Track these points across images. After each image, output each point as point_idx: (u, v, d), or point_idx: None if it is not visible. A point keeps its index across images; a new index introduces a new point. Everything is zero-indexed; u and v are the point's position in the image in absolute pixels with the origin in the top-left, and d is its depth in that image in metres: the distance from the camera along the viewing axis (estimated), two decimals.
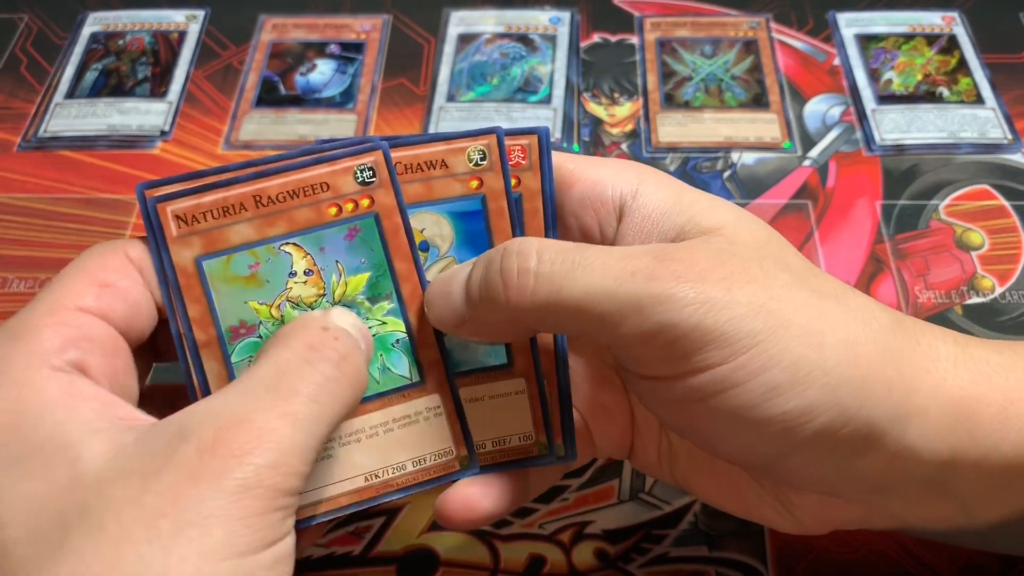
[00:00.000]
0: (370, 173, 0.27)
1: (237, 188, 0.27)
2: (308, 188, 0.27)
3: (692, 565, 0.36)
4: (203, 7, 0.59)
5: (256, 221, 0.27)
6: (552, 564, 0.37)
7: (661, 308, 0.24)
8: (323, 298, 0.28)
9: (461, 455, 0.29)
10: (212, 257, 0.27)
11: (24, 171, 0.51)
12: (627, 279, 0.24)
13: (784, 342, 0.24)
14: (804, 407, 0.24)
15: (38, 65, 0.56)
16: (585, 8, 0.59)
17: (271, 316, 0.27)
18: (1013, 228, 0.47)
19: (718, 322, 0.24)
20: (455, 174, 0.28)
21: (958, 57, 0.55)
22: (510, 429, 0.29)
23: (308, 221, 0.27)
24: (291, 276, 0.27)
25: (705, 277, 0.24)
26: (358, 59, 0.56)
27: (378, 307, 0.28)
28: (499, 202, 0.28)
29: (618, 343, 0.25)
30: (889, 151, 0.50)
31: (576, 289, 0.24)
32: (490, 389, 0.29)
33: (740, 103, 0.53)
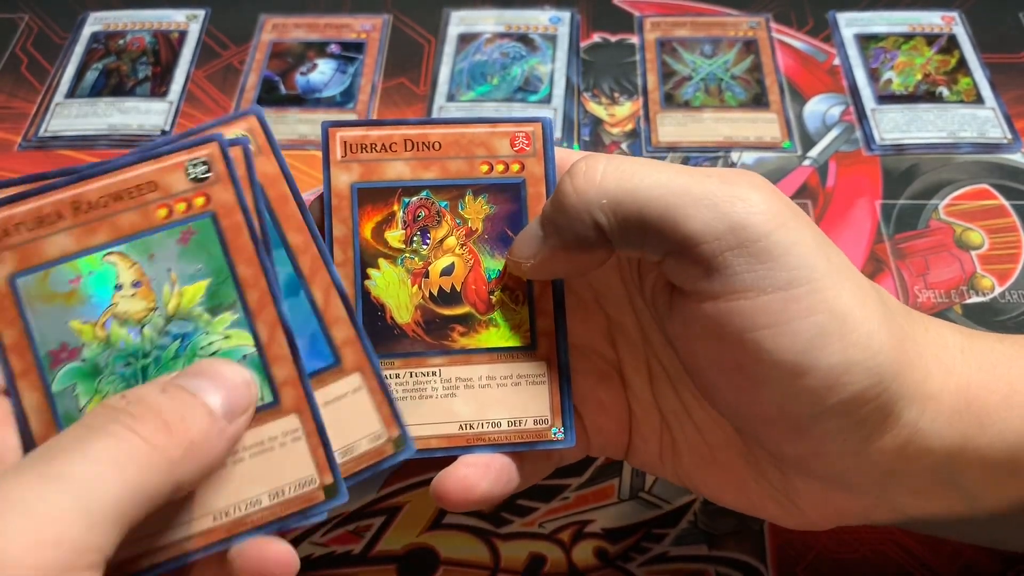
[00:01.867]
0: (204, 168, 0.25)
1: (53, 195, 0.24)
2: (133, 189, 0.24)
3: (692, 564, 0.36)
4: (203, 7, 0.59)
5: (75, 230, 0.24)
6: (552, 563, 0.37)
7: (734, 207, 0.24)
8: (155, 312, 0.25)
9: (326, 483, 0.25)
10: (27, 274, 0.24)
11: (24, 171, 0.51)
12: (701, 177, 0.25)
13: (839, 290, 0.24)
14: (846, 365, 0.24)
15: (38, 65, 0.56)
16: (585, 8, 0.59)
17: (95, 336, 0.24)
18: (1013, 228, 0.47)
19: (788, 239, 0.24)
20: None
21: (958, 57, 0.55)
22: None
23: (134, 226, 0.25)
24: (117, 290, 0.25)
25: (776, 196, 0.25)
26: (358, 59, 0.56)
27: (219, 319, 0.25)
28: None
29: (682, 243, 0.25)
30: (889, 151, 0.51)
31: (646, 179, 0.25)
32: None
33: (740, 103, 0.53)
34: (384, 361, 0.28)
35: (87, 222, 0.24)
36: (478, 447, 0.28)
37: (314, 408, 0.25)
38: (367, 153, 0.28)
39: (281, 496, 0.25)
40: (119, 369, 0.25)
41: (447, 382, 0.28)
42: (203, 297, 0.25)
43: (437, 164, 0.29)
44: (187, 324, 0.25)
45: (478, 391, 0.28)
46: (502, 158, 0.29)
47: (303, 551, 0.37)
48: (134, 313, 0.25)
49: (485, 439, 0.28)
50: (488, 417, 0.28)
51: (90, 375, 0.24)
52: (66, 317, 0.24)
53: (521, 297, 0.29)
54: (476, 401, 0.28)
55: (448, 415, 0.28)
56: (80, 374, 0.24)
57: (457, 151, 0.29)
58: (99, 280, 0.24)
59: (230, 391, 0.24)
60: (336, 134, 0.28)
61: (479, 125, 0.29)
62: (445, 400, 0.28)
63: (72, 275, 0.24)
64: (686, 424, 0.31)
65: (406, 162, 0.28)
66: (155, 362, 0.25)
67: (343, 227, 0.28)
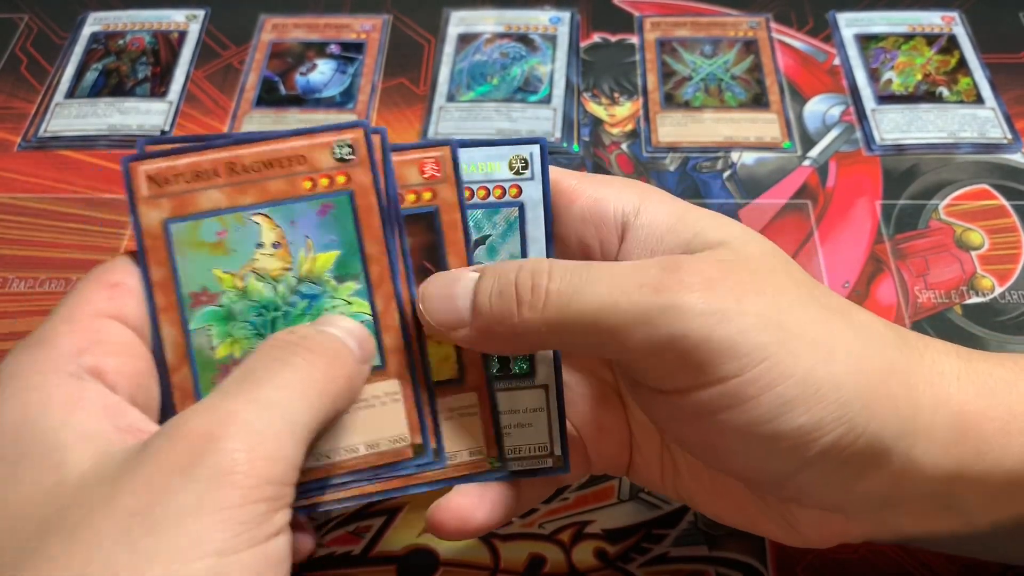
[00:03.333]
0: (349, 150, 0.27)
1: (212, 153, 0.26)
2: (284, 160, 0.27)
3: (692, 565, 0.36)
4: (203, 7, 0.59)
5: (228, 188, 0.26)
6: (552, 564, 0.37)
7: (670, 319, 0.24)
8: (289, 272, 0.27)
9: (415, 443, 0.28)
10: (180, 221, 0.26)
11: (24, 171, 0.51)
12: (635, 291, 0.24)
13: (795, 356, 0.24)
14: (815, 422, 0.24)
15: (38, 65, 0.56)
16: (585, 8, 0.59)
17: (234, 286, 0.27)
18: (1013, 228, 0.47)
19: (728, 334, 0.24)
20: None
21: (958, 57, 0.55)
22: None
23: (281, 193, 0.27)
24: (258, 247, 0.27)
25: (714, 287, 0.24)
26: (358, 59, 0.56)
27: (344, 287, 0.27)
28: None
29: (628, 356, 0.25)
30: (889, 151, 0.51)
31: (585, 304, 0.24)
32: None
33: (740, 103, 0.53)
34: None
35: (239, 183, 0.27)
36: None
37: (414, 376, 0.28)
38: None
39: (376, 448, 0.27)
40: (252, 318, 0.27)
41: None
42: (333, 265, 0.27)
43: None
44: (316, 287, 0.27)
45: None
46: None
47: None
48: (271, 270, 0.27)
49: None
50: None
51: (224, 319, 0.27)
52: (210, 264, 0.27)
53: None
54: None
55: None
56: (216, 317, 0.27)
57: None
58: (244, 236, 0.27)
59: (361, 340, 0.27)
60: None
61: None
62: None
63: (220, 228, 0.27)
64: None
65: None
66: (284, 316, 0.27)
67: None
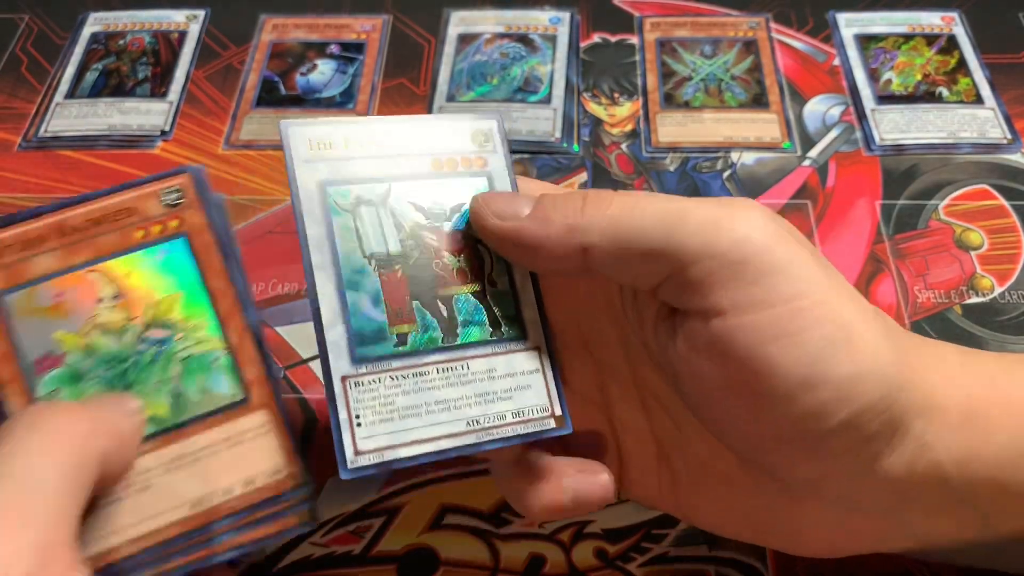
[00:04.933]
0: (177, 195, 0.28)
1: (39, 220, 0.27)
2: (113, 215, 0.27)
3: (692, 565, 0.36)
4: (203, 7, 0.59)
5: (60, 251, 0.27)
6: (552, 563, 0.37)
7: (735, 223, 0.25)
8: (133, 321, 0.27)
9: (292, 471, 0.27)
10: (14, 291, 0.26)
11: (24, 171, 0.51)
12: (698, 203, 0.25)
13: (842, 301, 0.25)
14: (857, 375, 0.24)
15: (38, 65, 0.56)
16: (585, 8, 0.59)
17: (78, 345, 0.27)
18: (1012, 228, 0.47)
19: (788, 256, 0.24)
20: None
21: (957, 57, 0.55)
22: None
23: (115, 246, 0.27)
24: (98, 303, 0.27)
25: (773, 217, 0.25)
26: (358, 59, 0.56)
27: (193, 326, 0.28)
28: (203, 237, 0.28)
29: (684, 262, 0.25)
30: (889, 151, 0.51)
31: (649, 208, 0.25)
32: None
33: (740, 103, 0.53)
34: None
35: (71, 243, 0.27)
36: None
37: (280, 405, 0.28)
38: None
39: (252, 485, 0.27)
40: (100, 373, 0.27)
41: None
42: (178, 307, 0.28)
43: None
44: (165, 331, 0.27)
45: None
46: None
47: (302, 551, 0.37)
48: (114, 322, 0.27)
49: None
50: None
51: (73, 380, 0.27)
52: (51, 329, 0.27)
53: None
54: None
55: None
56: (64, 379, 0.27)
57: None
58: (81, 294, 0.27)
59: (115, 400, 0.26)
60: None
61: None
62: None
63: (57, 290, 0.27)
64: (688, 457, 0.30)
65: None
66: (134, 366, 0.27)
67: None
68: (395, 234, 0.28)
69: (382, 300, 0.27)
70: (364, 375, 0.27)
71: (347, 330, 0.27)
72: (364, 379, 0.27)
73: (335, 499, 0.38)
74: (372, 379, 0.27)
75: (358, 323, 0.27)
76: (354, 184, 0.28)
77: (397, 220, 0.28)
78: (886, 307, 0.44)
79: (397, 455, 0.26)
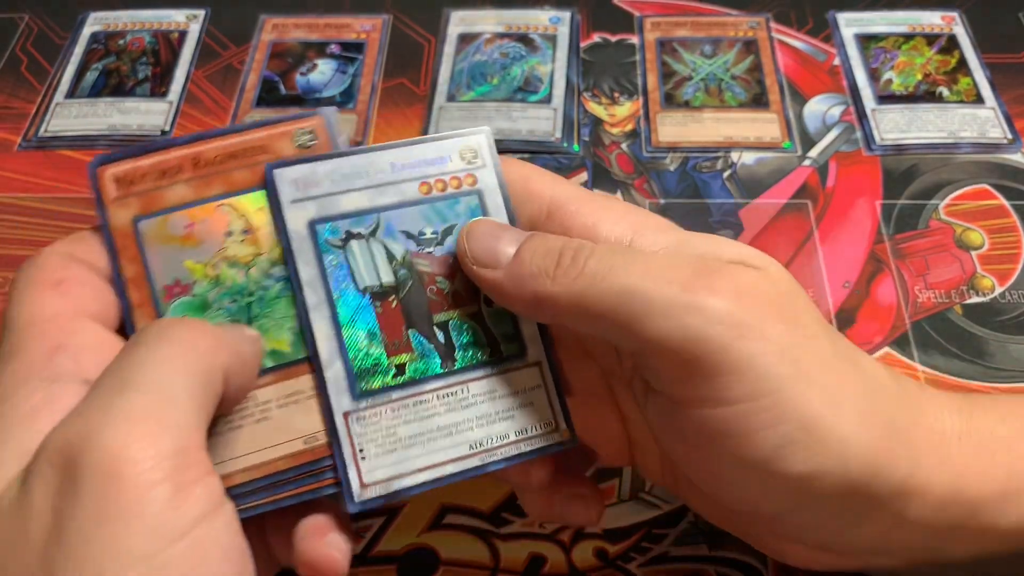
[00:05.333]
0: (310, 136, 0.28)
1: (176, 151, 0.27)
2: (246, 151, 0.28)
3: (692, 564, 0.36)
4: (203, 7, 0.59)
5: (194, 182, 0.27)
6: (552, 563, 0.37)
7: (692, 319, 0.23)
8: (260, 256, 0.28)
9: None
10: (149, 217, 0.27)
11: (24, 171, 0.51)
12: (664, 284, 0.24)
13: (806, 396, 0.24)
14: (814, 471, 0.24)
15: (38, 65, 0.56)
16: (585, 8, 0.59)
17: (206, 275, 0.27)
18: (1013, 228, 0.47)
19: (747, 351, 0.23)
20: None
21: (958, 57, 0.55)
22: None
23: (246, 182, 0.28)
24: (227, 236, 0.27)
25: (742, 300, 0.24)
26: (358, 59, 0.56)
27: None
28: None
29: (643, 348, 0.25)
30: (889, 151, 0.51)
31: (614, 284, 0.24)
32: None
33: (740, 103, 0.53)
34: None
35: (204, 175, 0.27)
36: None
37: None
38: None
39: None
40: (226, 305, 0.27)
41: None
42: None
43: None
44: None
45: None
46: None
47: None
48: (242, 256, 0.27)
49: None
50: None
51: (199, 308, 0.27)
52: (181, 257, 0.27)
53: None
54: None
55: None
56: (191, 307, 0.27)
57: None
58: (212, 226, 0.27)
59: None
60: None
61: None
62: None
63: (188, 221, 0.27)
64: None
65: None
66: (258, 300, 0.28)
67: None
68: (387, 265, 0.28)
69: (379, 333, 0.28)
70: (365, 409, 0.27)
71: (345, 366, 0.27)
72: (365, 413, 0.27)
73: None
74: (373, 412, 0.27)
75: (356, 359, 0.27)
76: (343, 220, 0.28)
77: (389, 250, 0.28)
78: (886, 307, 0.44)
79: (403, 484, 0.27)
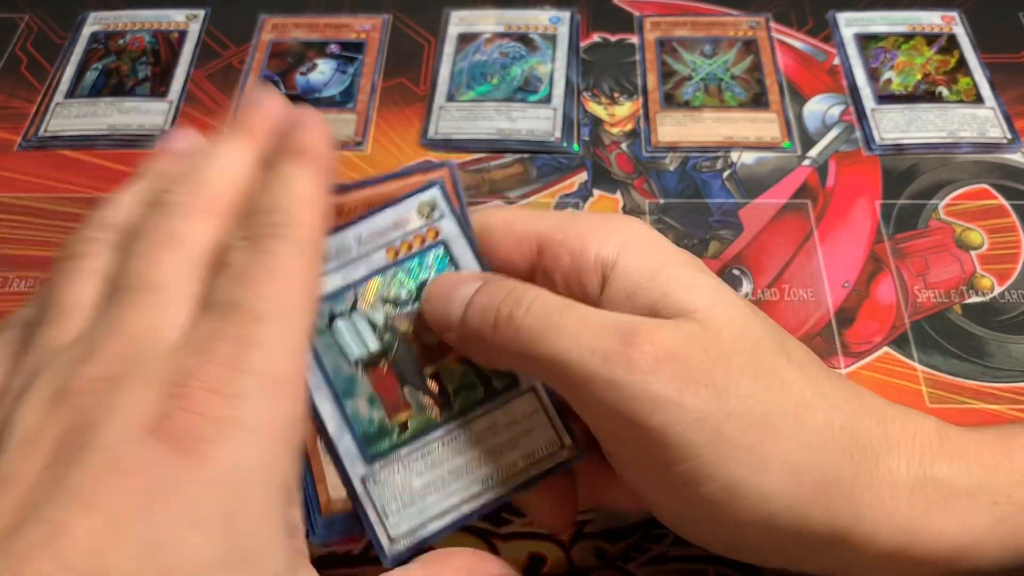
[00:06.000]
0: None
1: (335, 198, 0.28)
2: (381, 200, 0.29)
3: (692, 564, 0.36)
4: (203, 7, 0.59)
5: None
6: (552, 563, 0.37)
7: (609, 394, 0.24)
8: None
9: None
10: None
11: (24, 171, 0.51)
12: (588, 354, 0.24)
13: (724, 461, 0.24)
14: (740, 525, 0.25)
15: (38, 65, 0.56)
16: (585, 8, 0.59)
17: None
18: (1012, 228, 0.47)
19: (662, 424, 0.24)
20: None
21: (957, 57, 0.55)
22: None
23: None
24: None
25: (660, 369, 0.24)
26: (358, 59, 0.56)
27: None
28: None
29: (581, 412, 0.26)
30: (889, 151, 0.51)
31: (546, 350, 0.25)
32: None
33: (740, 103, 0.53)
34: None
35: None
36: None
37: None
38: None
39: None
40: None
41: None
42: None
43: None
44: None
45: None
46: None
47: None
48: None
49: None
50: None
51: None
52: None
53: None
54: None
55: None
56: None
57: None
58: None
59: None
60: None
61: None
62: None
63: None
64: None
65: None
66: None
67: None
68: (372, 334, 0.29)
69: (377, 398, 0.29)
70: (379, 471, 0.28)
71: (353, 437, 0.28)
72: (380, 474, 0.28)
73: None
74: (387, 472, 0.29)
75: (361, 427, 0.29)
76: (324, 303, 0.29)
77: (371, 320, 0.29)
78: (886, 307, 0.44)
79: (427, 532, 0.29)
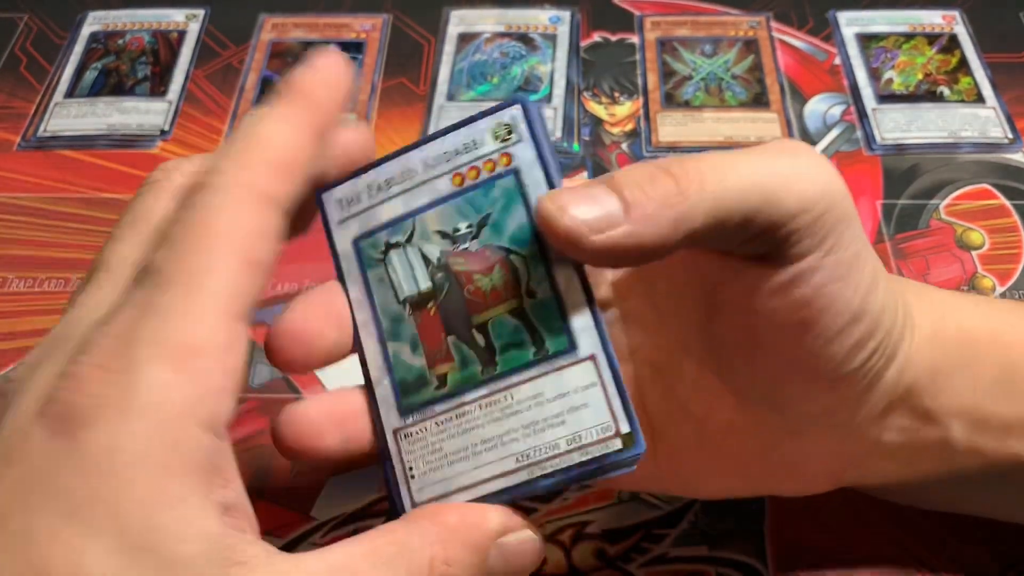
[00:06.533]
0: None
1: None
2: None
3: (692, 565, 0.36)
4: (203, 6, 0.59)
5: (404, 195, 0.27)
6: (552, 564, 0.37)
7: (820, 175, 0.26)
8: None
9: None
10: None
11: (24, 171, 0.51)
12: (777, 155, 0.26)
13: (871, 260, 0.28)
14: (885, 306, 0.28)
15: (38, 64, 0.56)
16: (585, 7, 0.59)
17: None
18: (1014, 228, 0.47)
19: (852, 206, 0.27)
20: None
21: (959, 56, 0.55)
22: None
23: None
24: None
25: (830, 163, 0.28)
26: (358, 59, 0.56)
27: None
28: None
29: (782, 220, 0.25)
30: (889, 150, 0.50)
31: (743, 170, 0.25)
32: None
33: (740, 102, 0.53)
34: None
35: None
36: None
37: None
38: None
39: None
40: None
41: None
42: None
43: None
44: None
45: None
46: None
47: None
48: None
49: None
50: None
51: None
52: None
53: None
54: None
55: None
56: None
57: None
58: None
59: None
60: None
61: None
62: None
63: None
64: (681, 423, 0.31)
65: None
66: None
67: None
68: (424, 270, 0.27)
69: (420, 344, 0.26)
70: (411, 425, 0.26)
71: (391, 383, 0.26)
72: (412, 429, 0.26)
73: (335, 499, 0.38)
74: (419, 428, 0.26)
75: (400, 373, 0.26)
76: (382, 231, 0.27)
77: (425, 255, 0.27)
78: None
79: (450, 502, 0.25)
